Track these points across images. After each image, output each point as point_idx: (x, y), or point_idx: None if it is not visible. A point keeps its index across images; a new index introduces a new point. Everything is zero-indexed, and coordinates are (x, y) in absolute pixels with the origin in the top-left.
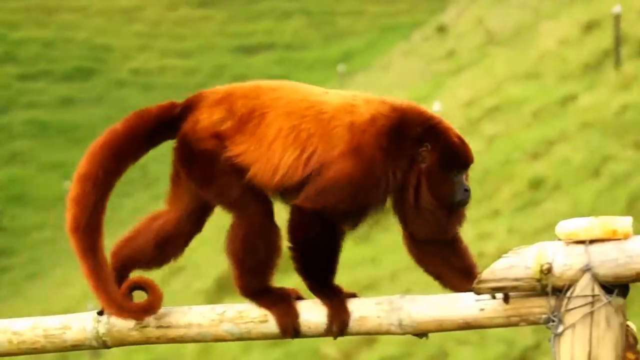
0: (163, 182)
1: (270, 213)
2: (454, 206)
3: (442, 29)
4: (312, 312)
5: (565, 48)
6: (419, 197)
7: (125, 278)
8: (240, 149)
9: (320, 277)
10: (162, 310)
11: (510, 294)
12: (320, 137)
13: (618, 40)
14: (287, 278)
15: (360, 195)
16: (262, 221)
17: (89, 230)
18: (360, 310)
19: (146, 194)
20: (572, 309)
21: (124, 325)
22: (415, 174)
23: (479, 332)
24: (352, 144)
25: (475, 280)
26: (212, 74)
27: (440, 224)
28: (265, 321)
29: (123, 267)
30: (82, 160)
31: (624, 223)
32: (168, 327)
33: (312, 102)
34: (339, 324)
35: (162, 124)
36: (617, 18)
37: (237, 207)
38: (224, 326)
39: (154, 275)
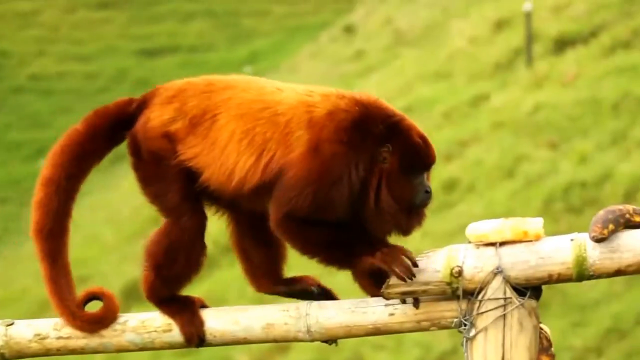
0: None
1: (201, 229)
2: (414, 208)
3: (349, 30)
4: (217, 320)
5: (476, 47)
6: (378, 198)
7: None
8: (192, 152)
9: (350, 250)
10: (61, 320)
11: (421, 298)
12: (278, 141)
13: (529, 39)
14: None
15: (322, 193)
16: (190, 235)
17: (51, 235)
18: (267, 317)
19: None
20: (484, 312)
21: (22, 336)
22: (376, 175)
23: (395, 337)
24: (311, 143)
25: (385, 285)
26: (114, 78)
27: (399, 225)
28: (169, 330)
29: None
30: (44, 163)
31: (535, 224)
32: (68, 337)
33: (266, 102)
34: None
35: (120, 122)
36: (528, 16)
37: (171, 214)
38: (127, 336)
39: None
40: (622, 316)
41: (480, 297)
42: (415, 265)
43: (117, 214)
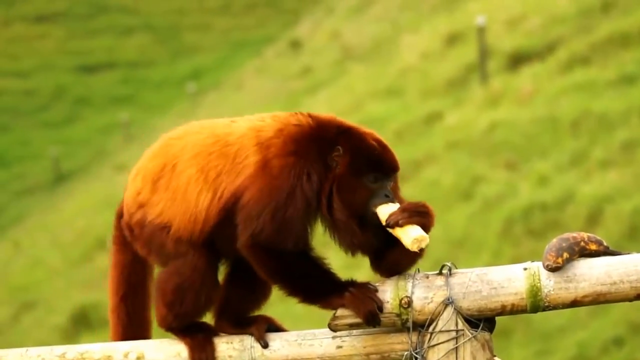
0: (6, 212)
1: (210, 266)
2: (369, 216)
3: (295, 44)
4: (160, 352)
5: (428, 63)
6: (331, 205)
7: None
8: (158, 209)
9: (318, 289)
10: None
11: (370, 330)
12: (229, 171)
13: (483, 54)
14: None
15: (279, 209)
16: (199, 274)
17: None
18: None
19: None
20: (435, 344)
21: None
22: (329, 182)
23: None
24: (259, 164)
25: (332, 317)
26: (52, 95)
27: (353, 236)
28: None
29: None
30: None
31: (417, 234)
32: None
33: (217, 136)
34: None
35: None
36: (481, 30)
37: (177, 257)
38: None
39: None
40: (588, 344)
41: (431, 329)
42: (381, 309)
43: (60, 237)
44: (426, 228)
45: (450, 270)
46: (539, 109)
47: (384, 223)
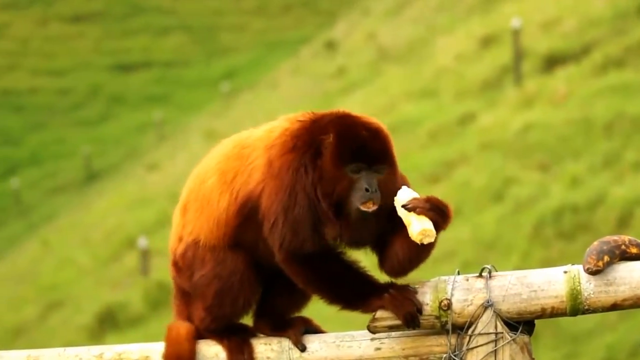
0: (37, 210)
1: (249, 270)
2: (353, 209)
3: (331, 45)
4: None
5: (462, 64)
6: (317, 195)
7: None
8: (190, 227)
9: (356, 293)
10: (35, 352)
11: (409, 332)
12: (242, 173)
13: (518, 56)
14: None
15: (289, 209)
16: (238, 278)
17: None
18: None
19: (21, 223)
20: (474, 347)
21: None
22: (318, 170)
23: None
24: (265, 166)
25: (370, 319)
26: (87, 94)
27: (334, 228)
28: None
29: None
30: None
31: (429, 227)
32: None
33: (237, 140)
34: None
35: None
36: (516, 32)
37: (214, 266)
38: None
39: (32, 311)
40: (617, 347)
41: (470, 331)
42: (420, 311)
43: (90, 237)
44: (438, 227)
45: (490, 272)
46: (572, 111)
47: (397, 203)
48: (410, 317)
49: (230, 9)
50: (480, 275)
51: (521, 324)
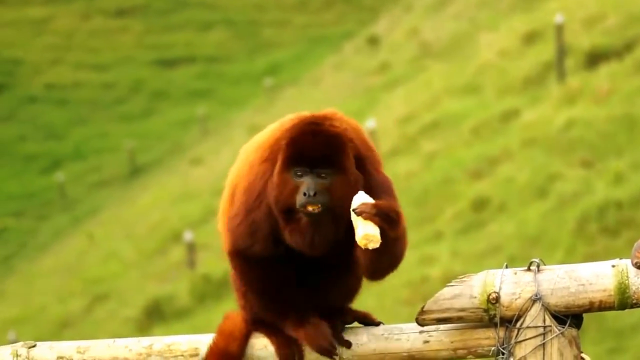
0: (82, 204)
1: (283, 261)
2: (299, 215)
3: (374, 41)
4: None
5: (505, 60)
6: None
7: None
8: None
9: (281, 310)
10: (85, 342)
11: (457, 324)
12: (241, 171)
13: (561, 52)
14: None
15: (253, 209)
16: (273, 272)
17: None
18: None
19: (65, 216)
20: (522, 340)
21: (45, 359)
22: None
23: None
24: (248, 167)
25: (419, 311)
26: (130, 88)
27: (284, 234)
28: (196, 355)
29: None
30: None
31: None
32: None
33: (253, 140)
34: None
35: None
36: (559, 28)
37: (256, 261)
38: None
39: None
40: None
41: (518, 324)
42: (334, 350)
43: (135, 230)
44: (385, 233)
45: (538, 266)
46: (615, 108)
47: (352, 208)
48: (323, 351)
49: (272, 4)
50: (529, 269)
51: (569, 317)
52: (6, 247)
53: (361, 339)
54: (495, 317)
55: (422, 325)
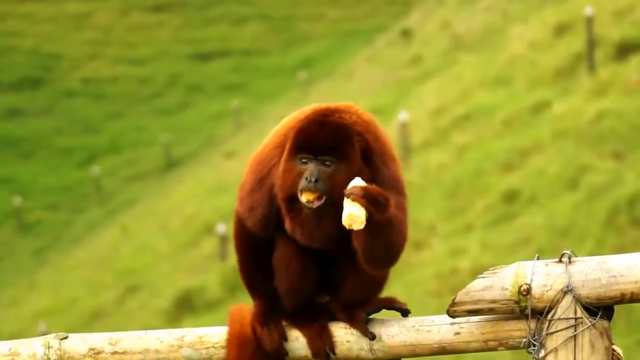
0: (116, 197)
1: (303, 251)
2: (299, 202)
3: (406, 34)
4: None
5: (536, 52)
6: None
7: None
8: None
9: (252, 285)
10: (116, 334)
11: (488, 316)
12: (256, 151)
13: (591, 44)
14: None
15: (256, 190)
16: (293, 262)
17: None
18: None
19: (100, 209)
20: (553, 332)
21: (76, 351)
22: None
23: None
24: (260, 150)
25: (450, 303)
26: (167, 82)
27: (287, 220)
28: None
29: None
30: None
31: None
32: (124, 353)
33: (277, 125)
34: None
35: None
36: (589, 20)
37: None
38: (184, 352)
39: (110, 295)
40: None
41: (549, 316)
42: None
43: (168, 223)
44: (371, 216)
45: (569, 258)
46: None
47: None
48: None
49: None
50: (560, 261)
51: (600, 309)
52: (40, 239)
53: (392, 330)
54: (527, 308)
55: (453, 316)
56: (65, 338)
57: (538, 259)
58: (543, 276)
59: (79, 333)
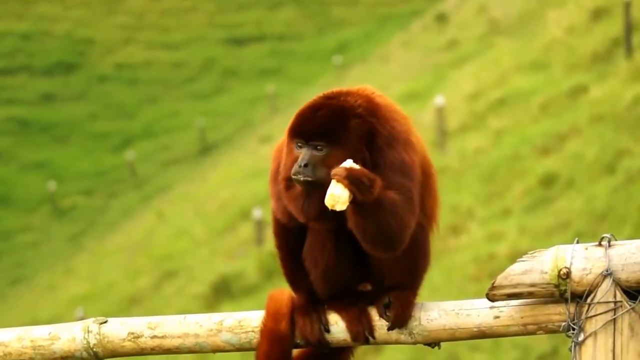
0: (152, 182)
1: (335, 238)
2: (292, 181)
3: (442, 18)
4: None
5: (573, 37)
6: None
7: None
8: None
9: (291, 279)
10: (155, 318)
11: (527, 300)
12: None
13: (628, 28)
14: None
15: (274, 179)
16: (325, 251)
17: None
18: None
19: (135, 194)
20: (593, 316)
21: (115, 335)
22: None
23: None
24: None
25: (489, 287)
26: (201, 67)
27: (283, 200)
28: None
29: None
30: None
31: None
32: (163, 337)
33: None
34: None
35: None
36: (627, 5)
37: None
38: (223, 336)
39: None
40: None
41: (589, 300)
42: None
43: (204, 208)
44: (355, 197)
45: (609, 241)
46: None
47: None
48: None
49: None
50: (600, 244)
51: None
52: (76, 224)
53: (432, 314)
54: (566, 292)
55: (492, 300)
56: (105, 322)
57: (577, 242)
58: (582, 260)
59: (119, 317)
